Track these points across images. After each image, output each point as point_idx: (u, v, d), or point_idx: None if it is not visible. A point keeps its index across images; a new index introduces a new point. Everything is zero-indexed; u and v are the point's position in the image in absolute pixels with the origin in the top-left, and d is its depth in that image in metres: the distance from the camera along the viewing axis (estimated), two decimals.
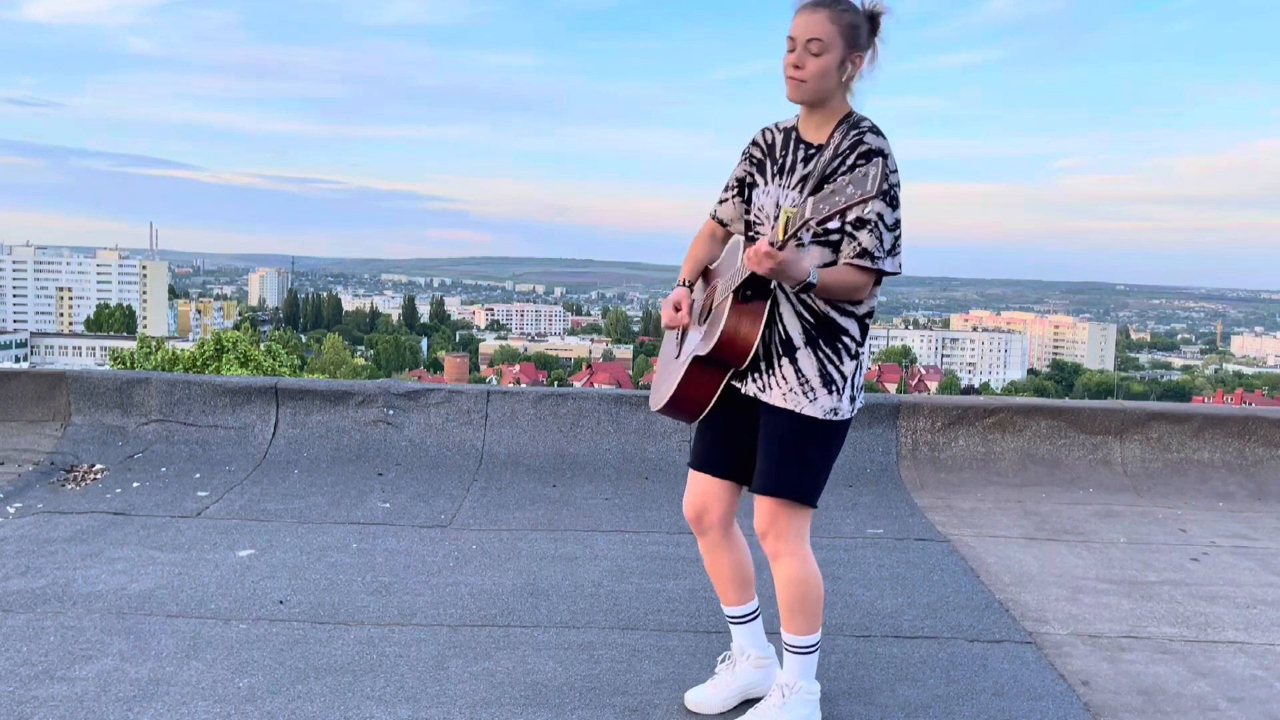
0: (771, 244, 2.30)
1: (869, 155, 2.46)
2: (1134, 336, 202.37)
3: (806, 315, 2.55)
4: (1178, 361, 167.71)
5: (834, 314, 2.55)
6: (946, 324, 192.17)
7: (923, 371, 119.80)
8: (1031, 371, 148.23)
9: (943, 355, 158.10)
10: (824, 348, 2.55)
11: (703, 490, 2.78)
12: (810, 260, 2.49)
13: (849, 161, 2.48)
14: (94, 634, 3.25)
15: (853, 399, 2.61)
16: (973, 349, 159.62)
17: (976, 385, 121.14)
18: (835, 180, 2.33)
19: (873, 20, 2.54)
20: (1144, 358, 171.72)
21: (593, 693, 2.95)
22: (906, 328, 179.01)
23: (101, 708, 2.77)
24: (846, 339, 2.57)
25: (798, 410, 2.55)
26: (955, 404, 5.80)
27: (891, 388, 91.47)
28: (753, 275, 2.45)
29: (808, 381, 2.55)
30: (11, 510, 4.56)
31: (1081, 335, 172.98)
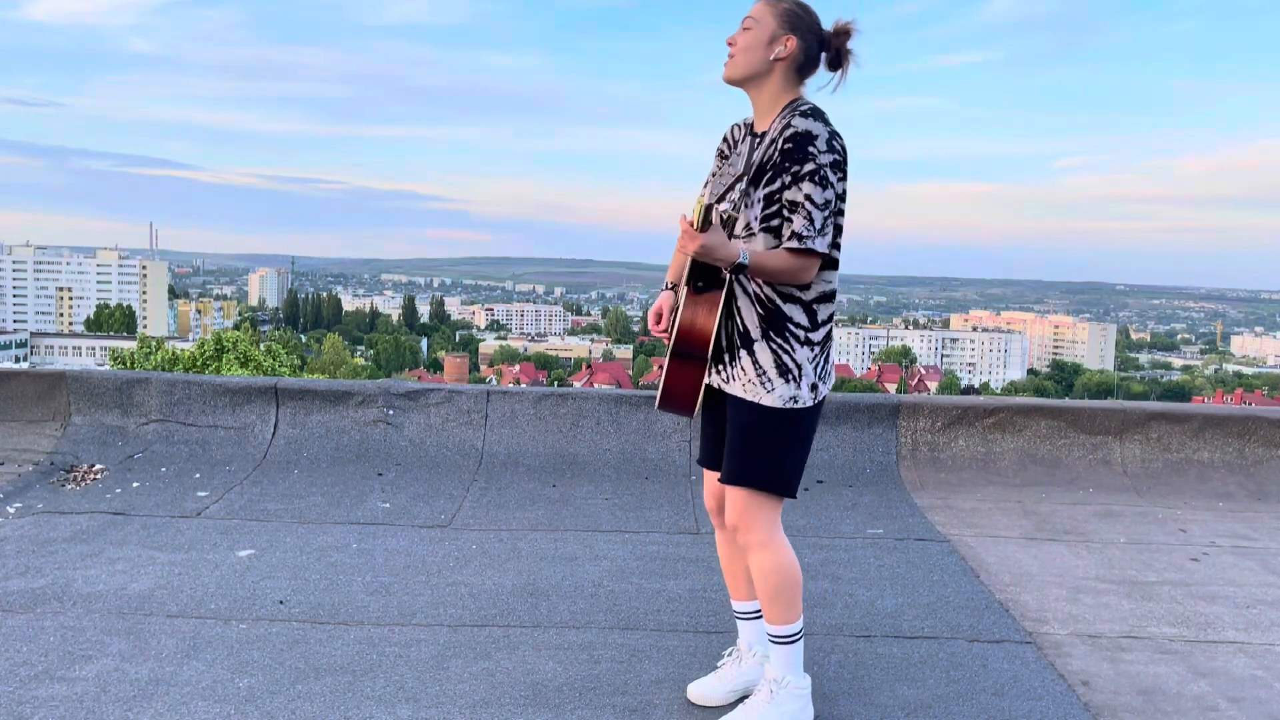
0: (691, 225, 2.38)
1: (794, 139, 2.48)
2: (1134, 336, 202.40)
3: (758, 307, 2.58)
4: (1178, 361, 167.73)
5: (780, 302, 2.57)
6: (946, 324, 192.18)
7: (923, 371, 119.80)
8: (1031, 371, 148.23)
9: (943, 355, 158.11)
10: (775, 338, 2.57)
11: (715, 485, 2.85)
12: (755, 246, 2.53)
13: (778, 145, 2.51)
14: (94, 634, 3.25)
15: (814, 386, 2.61)
16: (973, 349, 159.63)
17: (976, 385, 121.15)
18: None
19: (840, 35, 2.58)
20: (1144, 358, 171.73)
21: (593, 693, 2.95)
22: (906, 328, 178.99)
23: (101, 708, 2.77)
24: (793, 326, 2.57)
25: (757, 401, 2.58)
26: (955, 404, 5.80)
27: (891, 388, 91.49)
28: (703, 266, 2.51)
29: (765, 372, 2.57)
30: (11, 510, 4.56)
31: (1081, 335, 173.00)
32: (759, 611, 2.91)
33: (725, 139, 2.76)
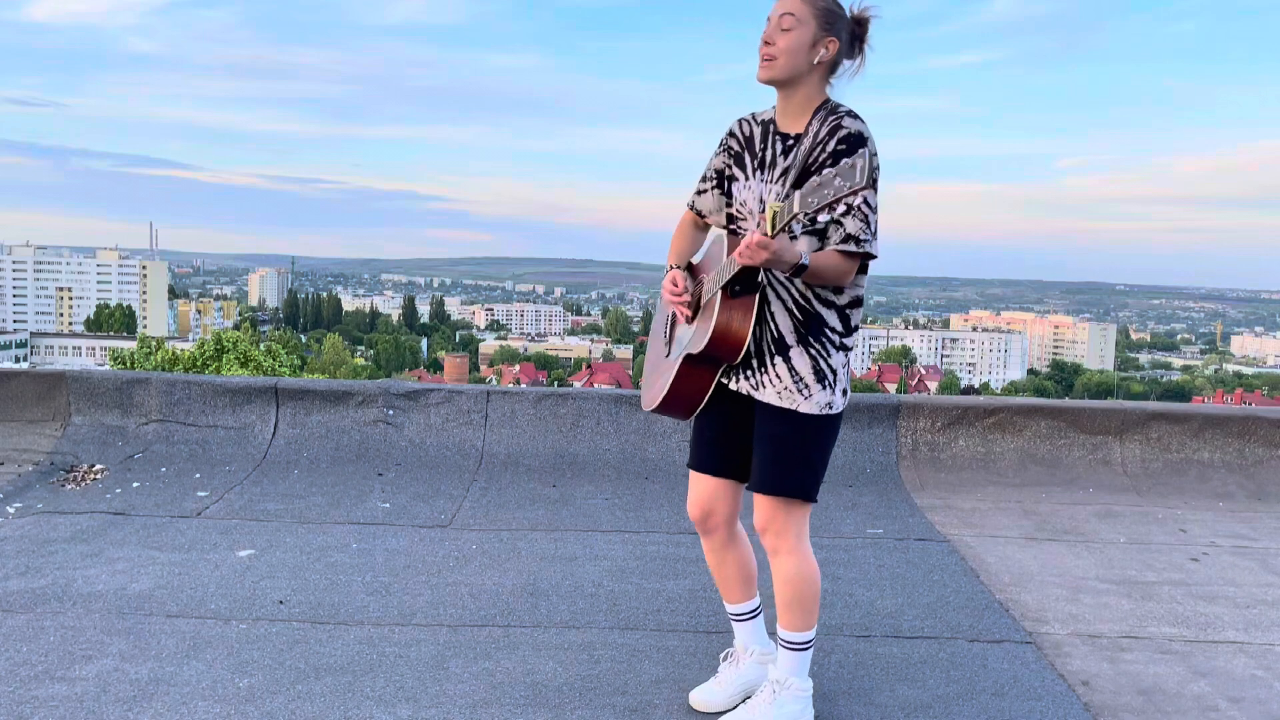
0: (764, 235, 2.29)
1: (848, 140, 2.46)
2: (1134, 336, 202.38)
3: (795, 312, 2.55)
4: (1178, 361, 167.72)
5: (817, 305, 2.55)
6: (946, 324, 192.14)
7: (923, 371, 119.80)
8: (1031, 371, 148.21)
9: (943, 355, 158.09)
10: (814, 344, 2.56)
11: (706, 491, 2.78)
12: (803, 245, 2.50)
13: (829, 148, 2.48)
14: (94, 634, 3.25)
15: (845, 392, 2.63)
16: (973, 349, 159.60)
17: (976, 385, 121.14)
18: (821, 173, 2.33)
19: (859, 24, 2.56)
20: (1144, 358, 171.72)
21: (593, 693, 2.95)
22: (906, 328, 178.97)
23: (101, 708, 2.77)
24: (830, 331, 2.57)
25: (795, 408, 2.56)
26: (955, 404, 5.80)
27: (891, 388, 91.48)
28: (741, 270, 2.45)
29: (802, 379, 2.55)
30: (11, 510, 4.56)
31: (1081, 335, 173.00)
32: (754, 611, 2.91)
33: (734, 135, 2.69)
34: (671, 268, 2.75)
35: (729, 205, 2.70)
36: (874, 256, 2.53)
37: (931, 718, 2.87)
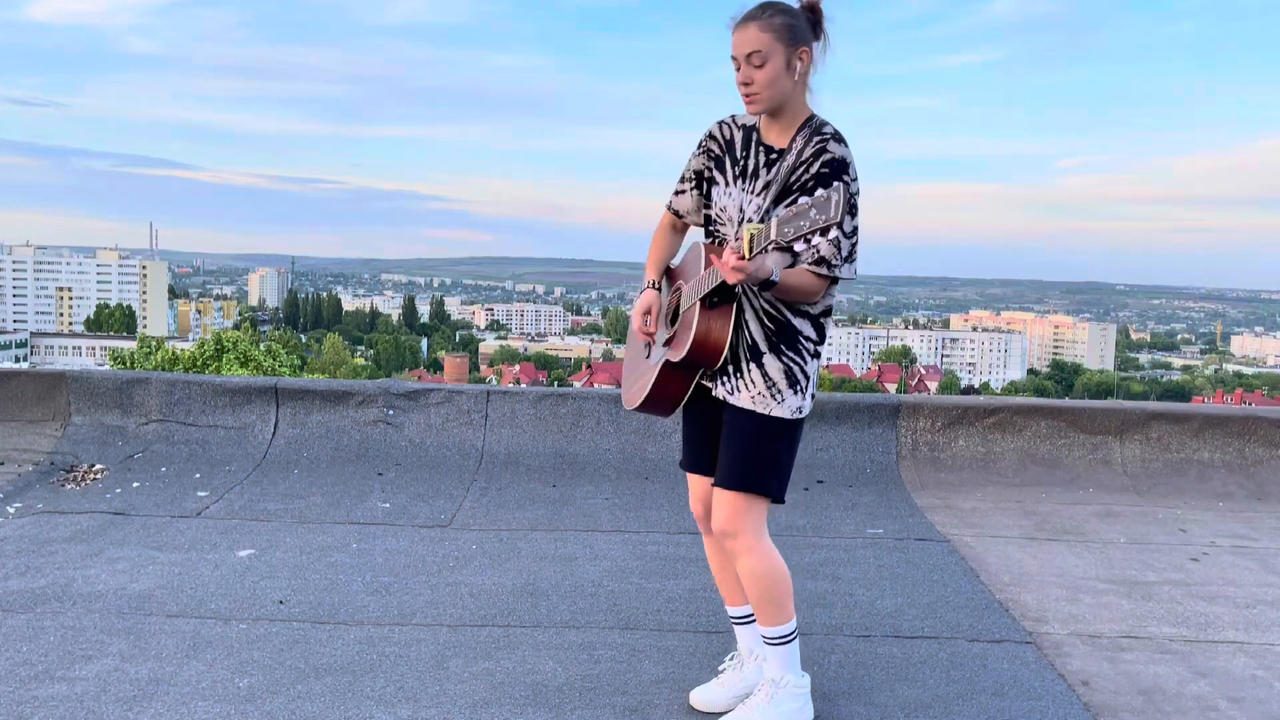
0: (740, 258, 2.34)
1: (831, 165, 2.50)
2: (1134, 336, 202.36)
3: (767, 321, 2.60)
4: (1178, 361, 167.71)
5: (791, 316, 2.60)
6: (946, 324, 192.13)
7: (923, 371, 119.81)
8: (1031, 371, 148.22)
9: (943, 355, 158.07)
10: (787, 351, 2.61)
11: (703, 489, 2.83)
12: (772, 262, 2.53)
13: (812, 169, 2.52)
14: (94, 634, 3.25)
15: (813, 395, 2.69)
16: (973, 349, 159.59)
17: (976, 385, 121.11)
18: (798, 202, 2.37)
19: (813, 10, 2.56)
20: (1144, 358, 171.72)
21: (593, 693, 2.95)
22: (906, 328, 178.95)
23: (101, 708, 2.77)
24: (804, 340, 2.62)
25: (767, 412, 2.60)
26: (955, 404, 5.80)
27: (891, 388, 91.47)
28: (721, 282, 2.50)
29: (775, 384, 2.60)
30: (11, 510, 4.56)
31: (1081, 335, 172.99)
32: (754, 614, 2.91)
33: (715, 138, 2.72)
34: (649, 284, 2.79)
35: (708, 207, 2.74)
36: (843, 279, 2.58)
37: (931, 718, 2.87)
